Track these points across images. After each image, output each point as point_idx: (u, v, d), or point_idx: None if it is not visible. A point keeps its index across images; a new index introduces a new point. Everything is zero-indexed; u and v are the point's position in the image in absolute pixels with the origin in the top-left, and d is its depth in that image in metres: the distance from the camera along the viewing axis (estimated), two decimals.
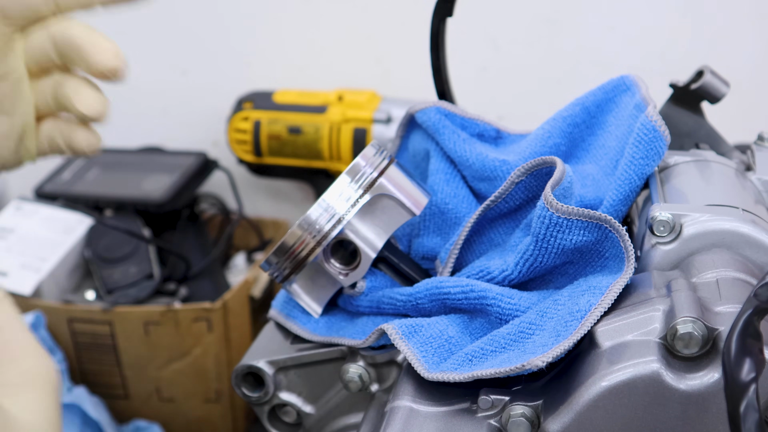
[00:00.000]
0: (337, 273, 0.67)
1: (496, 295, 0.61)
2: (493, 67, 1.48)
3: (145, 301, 1.34)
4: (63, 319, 1.33)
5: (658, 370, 0.52)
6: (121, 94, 1.80)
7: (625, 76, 0.73)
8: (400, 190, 0.67)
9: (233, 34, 1.58)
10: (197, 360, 1.35)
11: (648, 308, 0.55)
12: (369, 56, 1.51)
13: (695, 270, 0.59)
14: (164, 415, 1.40)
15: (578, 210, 0.59)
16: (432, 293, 0.64)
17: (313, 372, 0.68)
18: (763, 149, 0.73)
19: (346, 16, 1.51)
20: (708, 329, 0.52)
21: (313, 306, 0.69)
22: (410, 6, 1.47)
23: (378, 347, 0.66)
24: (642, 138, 0.65)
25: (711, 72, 0.77)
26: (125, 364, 1.36)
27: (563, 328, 0.57)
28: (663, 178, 0.69)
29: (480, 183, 0.72)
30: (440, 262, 0.69)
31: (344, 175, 0.65)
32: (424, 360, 0.60)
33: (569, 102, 0.74)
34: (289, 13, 1.53)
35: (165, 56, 1.64)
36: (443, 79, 0.80)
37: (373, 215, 0.66)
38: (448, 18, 0.77)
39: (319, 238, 0.65)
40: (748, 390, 0.44)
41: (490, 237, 0.70)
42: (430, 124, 0.73)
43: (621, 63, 1.38)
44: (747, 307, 0.45)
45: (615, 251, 0.60)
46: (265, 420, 0.70)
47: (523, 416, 0.55)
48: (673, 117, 0.78)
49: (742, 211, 0.62)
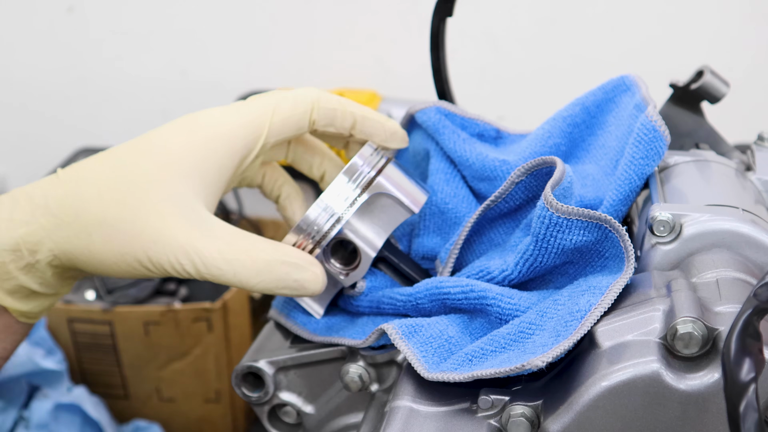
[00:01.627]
0: (337, 273, 0.67)
1: (496, 295, 0.61)
2: (493, 67, 1.48)
3: (145, 301, 1.34)
4: (63, 319, 1.33)
5: (658, 370, 0.52)
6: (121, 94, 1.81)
7: (625, 76, 0.73)
8: (399, 188, 0.67)
9: (233, 34, 1.58)
10: (197, 360, 1.35)
11: (648, 308, 0.55)
12: (369, 56, 1.51)
13: (695, 270, 0.59)
14: (164, 415, 1.40)
15: (578, 210, 0.59)
16: (432, 293, 0.64)
17: (313, 372, 0.68)
18: (763, 149, 0.73)
19: (346, 16, 1.51)
20: (708, 329, 0.52)
21: (315, 307, 0.69)
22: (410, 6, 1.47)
23: (378, 347, 0.66)
24: (642, 138, 0.65)
25: (711, 72, 0.77)
26: (125, 364, 1.36)
27: (563, 328, 0.57)
28: (663, 178, 0.69)
29: (480, 183, 0.72)
30: (440, 262, 0.69)
31: (342, 175, 0.65)
32: (424, 360, 0.60)
33: (569, 102, 0.73)
34: (289, 13, 1.54)
35: (165, 56, 1.64)
36: (443, 79, 0.79)
37: (372, 214, 0.66)
38: (448, 18, 0.77)
39: (318, 238, 0.65)
40: (748, 390, 0.44)
41: (490, 237, 0.70)
42: (430, 124, 0.73)
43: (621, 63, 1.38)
44: (747, 307, 0.45)
45: (615, 251, 0.60)
46: (265, 420, 0.70)
47: (523, 416, 0.55)
48: (673, 117, 0.78)
49: (742, 211, 0.62)
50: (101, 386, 1.38)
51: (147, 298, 1.34)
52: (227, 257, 0.61)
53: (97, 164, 0.64)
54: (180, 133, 0.65)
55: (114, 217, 0.61)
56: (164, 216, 0.61)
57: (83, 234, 0.61)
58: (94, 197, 0.62)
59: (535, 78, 1.46)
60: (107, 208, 0.61)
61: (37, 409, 1.25)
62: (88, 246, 0.62)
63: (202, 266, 0.61)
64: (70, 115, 1.74)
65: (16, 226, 0.61)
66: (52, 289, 0.65)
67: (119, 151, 0.64)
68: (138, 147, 0.64)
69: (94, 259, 0.62)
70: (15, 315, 0.64)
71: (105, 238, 0.61)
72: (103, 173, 0.63)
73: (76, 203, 0.62)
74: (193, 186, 0.63)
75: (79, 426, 1.27)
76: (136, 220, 0.61)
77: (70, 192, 0.62)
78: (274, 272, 0.62)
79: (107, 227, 0.61)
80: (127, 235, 0.61)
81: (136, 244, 0.61)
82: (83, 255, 0.62)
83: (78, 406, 1.27)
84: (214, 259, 0.61)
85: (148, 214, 0.61)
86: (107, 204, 0.61)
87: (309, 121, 0.67)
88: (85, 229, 0.61)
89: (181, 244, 0.61)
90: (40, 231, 0.61)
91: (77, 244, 0.62)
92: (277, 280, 0.62)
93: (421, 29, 0.82)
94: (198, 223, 0.62)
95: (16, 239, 0.61)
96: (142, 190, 0.61)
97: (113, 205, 0.61)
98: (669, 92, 0.79)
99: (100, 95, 1.70)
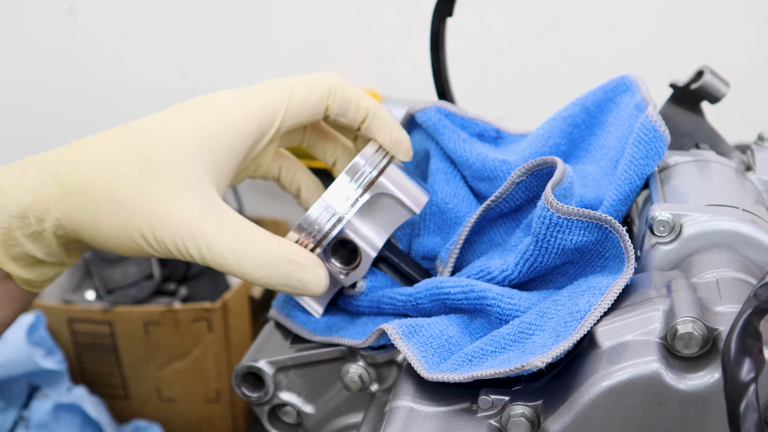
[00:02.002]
0: (337, 272, 0.67)
1: (496, 295, 0.61)
2: (493, 67, 1.48)
3: (145, 301, 1.34)
4: (63, 319, 1.33)
5: (658, 370, 0.52)
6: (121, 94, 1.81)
7: (625, 76, 0.73)
8: (400, 188, 0.67)
9: (233, 34, 1.58)
10: (197, 360, 1.35)
11: (648, 308, 0.55)
12: (369, 56, 1.51)
13: (695, 270, 0.59)
14: (164, 415, 1.40)
15: (578, 210, 0.59)
16: (432, 293, 0.64)
17: (313, 372, 0.68)
18: (763, 149, 0.73)
19: (346, 16, 1.51)
20: (708, 329, 0.52)
21: (315, 306, 0.69)
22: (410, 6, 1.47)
23: (378, 347, 0.66)
24: (642, 138, 0.65)
25: (711, 72, 0.77)
26: (125, 364, 1.36)
27: (563, 328, 0.57)
28: (663, 178, 0.69)
29: (480, 183, 0.72)
30: (440, 262, 0.69)
31: (344, 175, 0.65)
32: (424, 360, 0.60)
33: (569, 102, 0.73)
34: (289, 13, 1.54)
35: (165, 56, 1.64)
36: (443, 79, 0.79)
37: (373, 214, 0.66)
38: (448, 18, 0.77)
39: (319, 237, 0.65)
40: (748, 390, 0.44)
41: (490, 237, 0.70)
42: (430, 124, 0.73)
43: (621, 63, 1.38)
44: (747, 307, 0.45)
45: (615, 251, 0.60)
46: (265, 420, 0.70)
47: (523, 416, 0.55)
48: (673, 117, 0.78)
49: (742, 211, 0.62)
50: (101, 386, 1.38)
51: (147, 298, 1.34)
52: (234, 247, 0.61)
53: (111, 138, 0.63)
54: (195, 112, 0.64)
55: (123, 192, 0.61)
56: (174, 196, 0.61)
57: (91, 206, 0.61)
58: (105, 171, 0.62)
59: (535, 78, 1.46)
60: (117, 183, 0.61)
61: (37, 409, 1.25)
62: (94, 218, 0.61)
63: (207, 252, 0.61)
64: (69, 115, 1.74)
65: (25, 193, 0.61)
66: (56, 259, 0.64)
67: (134, 127, 0.64)
68: (153, 124, 0.64)
69: (100, 233, 0.62)
70: (18, 282, 0.64)
71: (112, 211, 0.61)
72: (116, 148, 0.62)
73: (87, 175, 0.62)
74: (205, 167, 0.62)
75: (79, 426, 1.27)
76: (146, 197, 0.61)
77: (82, 163, 0.62)
78: (279, 269, 0.62)
79: (115, 201, 0.61)
80: (134, 211, 0.61)
81: (143, 221, 0.61)
82: (89, 227, 0.62)
83: (78, 406, 1.27)
84: (220, 247, 0.61)
85: (158, 192, 0.61)
86: (117, 178, 0.61)
87: (324, 107, 0.67)
88: (93, 201, 0.61)
89: (188, 226, 0.60)
90: (49, 199, 0.61)
91: (84, 215, 0.61)
92: (280, 276, 0.62)
93: (421, 29, 0.82)
94: (208, 206, 0.61)
95: (24, 206, 0.61)
96: (153, 167, 0.61)
97: (123, 180, 0.61)
98: (669, 92, 0.79)
99: (100, 95, 1.71)
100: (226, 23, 1.58)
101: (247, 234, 0.62)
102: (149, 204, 0.60)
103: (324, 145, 0.73)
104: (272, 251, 0.62)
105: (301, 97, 0.66)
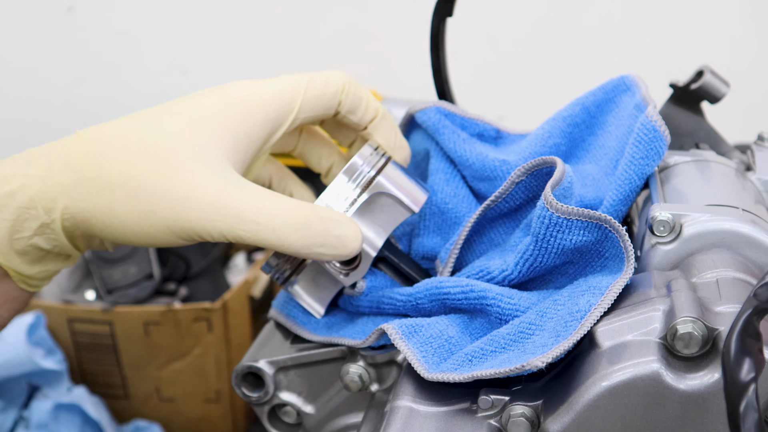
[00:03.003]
0: (337, 273, 0.67)
1: (495, 295, 0.61)
2: (493, 67, 1.48)
3: (145, 301, 1.34)
4: (63, 319, 1.33)
5: (658, 370, 0.52)
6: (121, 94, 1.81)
7: (625, 76, 0.73)
8: (399, 187, 0.67)
9: (233, 34, 1.58)
10: (197, 360, 1.35)
11: (648, 308, 0.55)
12: (369, 56, 1.52)
13: (695, 270, 0.59)
14: (164, 415, 1.40)
15: (578, 210, 0.59)
16: (432, 293, 0.64)
17: (313, 372, 0.68)
18: (763, 149, 0.73)
19: (347, 16, 1.51)
20: (708, 329, 0.52)
21: (316, 307, 0.69)
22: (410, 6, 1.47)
23: (378, 347, 0.66)
24: (642, 138, 0.65)
25: (711, 72, 0.77)
26: (125, 364, 1.36)
27: (563, 328, 0.57)
28: (663, 178, 0.69)
29: (480, 183, 0.72)
30: (440, 262, 0.69)
31: (342, 175, 0.65)
32: (424, 360, 0.60)
33: (569, 102, 0.73)
34: (289, 13, 1.54)
35: (165, 56, 1.64)
36: (443, 79, 0.80)
37: (372, 214, 0.66)
38: (448, 18, 0.77)
39: None
40: (748, 390, 0.44)
41: (490, 237, 0.70)
42: (430, 124, 0.73)
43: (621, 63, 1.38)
44: (747, 307, 0.45)
45: (615, 251, 0.60)
46: (265, 420, 0.70)
47: (523, 416, 0.55)
48: (673, 117, 0.78)
49: (742, 211, 0.62)
50: (101, 386, 1.38)
51: (147, 298, 1.34)
52: (265, 210, 0.58)
53: (122, 124, 0.62)
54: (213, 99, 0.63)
55: (141, 173, 0.58)
56: (195, 171, 0.58)
57: (105, 191, 0.59)
58: (120, 153, 0.59)
59: (535, 78, 1.46)
60: (133, 164, 0.59)
61: (37, 409, 1.25)
62: (109, 204, 0.59)
63: (235, 221, 0.58)
64: (69, 115, 1.74)
65: (32, 182, 0.59)
66: (63, 251, 0.62)
67: (146, 113, 0.62)
68: (170, 109, 0.62)
69: (115, 218, 0.59)
70: (16, 280, 0.62)
71: (129, 194, 0.58)
72: (129, 131, 0.60)
73: (100, 159, 0.59)
74: (224, 149, 0.60)
75: (79, 426, 1.27)
76: (165, 176, 0.58)
77: (93, 148, 0.60)
78: (315, 227, 0.60)
79: (132, 183, 0.58)
80: (154, 192, 0.58)
81: (163, 202, 0.58)
82: (102, 214, 0.59)
83: (78, 406, 1.27)
84: (250, 212, 0.58)
85: (177, 170, 0.58)
86: (133, 160, 0.59)
87: (338, 102, 0.67)
88: (108, 185, 0.59)
89: (212, 198, 0.58)
90: (58, 187, 0.59)
91: (97, 201, 0.59)
92: (316, 235, 0.59)
93: (421, 29, 0.82)
94: (230, 178, 0.59)
95: (31, 195, 0.59)
96: (171, 146, 0.59)
97: (140, 161, 0.59)
98: (669, 92, 0.79)
99: (99, 95, 1.71)
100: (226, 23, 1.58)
101: (275, 198, 0.59)
102: (170, 183, 0.58)
103: (319, 151, 0.73)
104: (306, 210, 0.60)
105: (317, 91, 0.66)
